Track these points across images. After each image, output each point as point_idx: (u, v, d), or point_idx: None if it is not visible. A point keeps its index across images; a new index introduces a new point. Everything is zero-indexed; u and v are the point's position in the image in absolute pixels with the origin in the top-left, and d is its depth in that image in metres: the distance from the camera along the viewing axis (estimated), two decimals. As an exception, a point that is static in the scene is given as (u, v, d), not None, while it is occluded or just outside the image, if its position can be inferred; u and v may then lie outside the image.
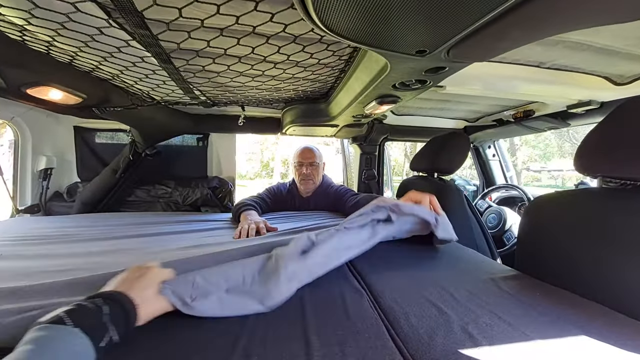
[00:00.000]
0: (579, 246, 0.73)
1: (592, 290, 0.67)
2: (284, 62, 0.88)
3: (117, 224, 1.37)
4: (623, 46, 0.92)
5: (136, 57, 0.81)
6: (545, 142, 11.15)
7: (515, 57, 1.01)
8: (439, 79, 0.82)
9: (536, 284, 0.75)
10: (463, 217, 1.36)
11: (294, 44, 0.77)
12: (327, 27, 0.47)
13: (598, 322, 0.55)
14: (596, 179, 0.78)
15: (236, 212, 1.40)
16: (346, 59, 0.95)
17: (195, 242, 1.05)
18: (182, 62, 0.82)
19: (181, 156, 2.00)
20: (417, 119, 1.96)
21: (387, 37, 0.50)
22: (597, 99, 1.31)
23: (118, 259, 0.88)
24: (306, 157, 1.63)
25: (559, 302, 0.64)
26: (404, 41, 0.52)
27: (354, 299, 0.59)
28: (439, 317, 0.52)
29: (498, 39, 0.51)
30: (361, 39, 0.52)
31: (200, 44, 0.73)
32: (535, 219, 0.85)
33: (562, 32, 0.47)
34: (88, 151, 1.90)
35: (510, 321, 0.53)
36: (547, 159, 11.04)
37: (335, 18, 0.44)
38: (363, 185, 2.09)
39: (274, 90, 1.23)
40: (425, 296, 0.61)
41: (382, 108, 1.12)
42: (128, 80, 1.00)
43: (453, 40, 0.52)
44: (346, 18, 0.43)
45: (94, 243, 1.08)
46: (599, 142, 0.76)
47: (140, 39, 0.71)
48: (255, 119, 1.86)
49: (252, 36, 0.71)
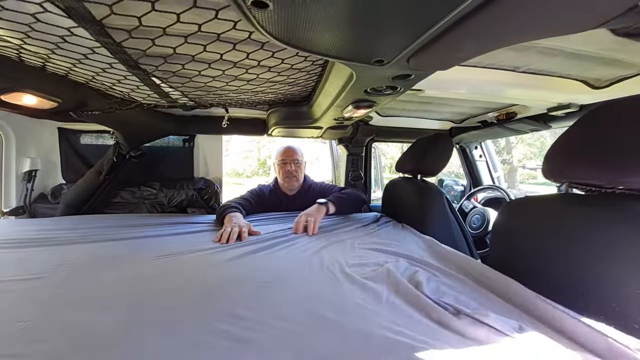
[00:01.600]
0: (542, 250, 0.74)
1: (551, 290, 0.69)
2: (255, 67, 0.87)
3: (99, 226, 1.37)
4: (595, 50, 0.93)
5: (104, 63, 0.80)
6: (541, 140, 11.21)
7: (489, 62, 1.02)
8: (408, 85, 0.82)
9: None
10: (443, 218, 1.37)
11: (262, 50, 0.77)
12: (277, 38, 0.47)
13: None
14: (563, 184, 0.78)
15: (220, 214, 1.41)
16: (321, 63, 0.95)
17: (176, 248, 1.05)
18: (151, 68, 0.82)
19: (167, 157, 1.99)
20: (403, 120, 1.96)
21: (339, 48, 0.50)
22: (576, 102, 1.32)
23: (89, 267, 0.88)
24: (289, 155, 1.71)
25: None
26: (357, 51, 0.52)
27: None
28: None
29: (454, 49, 0.51)
30: (314, 49, 0.52)
31: (167, 50, 0.73)
32: (506, 221, 0.87)
33: (516, 43, 0.47)
34: (73, 153, 1.89)
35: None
36: (543, 157, 11.08)
37: (282, 29, 0.44)
38: (349, 185, 2.10)
39: (254, 93, 1.23)
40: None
41: (359, 112, 1.12)
42: (103, 84, 0.99)
43: (408, 50, 0.52)
44: (292, 29, 0.43)
45: (72, 247, 1.08)
46: (565, 148, 0.77)
47: (105, 46, 0.71)
48: (240, 120, 1.86)
49: (218, 43, 0.71)
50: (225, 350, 0.52)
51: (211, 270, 0.87)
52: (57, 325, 0.58)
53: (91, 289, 0.74)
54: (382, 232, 1.37)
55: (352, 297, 0.73)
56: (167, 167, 1.98)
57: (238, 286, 0.77)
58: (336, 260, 0.95)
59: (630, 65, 1.01)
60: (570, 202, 0.74)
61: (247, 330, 0.57)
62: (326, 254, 1.03)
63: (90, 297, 0.70)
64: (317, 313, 0.65)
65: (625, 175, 0.62)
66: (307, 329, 0.59)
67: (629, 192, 0.65)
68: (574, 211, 0.71)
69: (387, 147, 10.93)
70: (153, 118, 1.61)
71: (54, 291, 0.72)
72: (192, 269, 0.89)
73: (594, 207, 0.68)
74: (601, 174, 0.67)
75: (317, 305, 0.68)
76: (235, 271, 0.88)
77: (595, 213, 0.67)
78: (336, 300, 0.71)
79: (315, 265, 0.93)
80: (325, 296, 0.73)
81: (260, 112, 1.79)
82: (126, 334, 0.56)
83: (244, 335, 0.55)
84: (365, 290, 0.76)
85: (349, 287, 0.78)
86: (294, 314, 0.63)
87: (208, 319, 0.60)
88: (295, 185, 1.73)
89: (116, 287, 0.76)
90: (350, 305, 0.69)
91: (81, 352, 0.51)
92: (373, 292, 0.75)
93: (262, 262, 0.96)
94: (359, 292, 0.75)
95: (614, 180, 0.65)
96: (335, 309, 0.66)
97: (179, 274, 0.85)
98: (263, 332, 0.57)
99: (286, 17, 0.38)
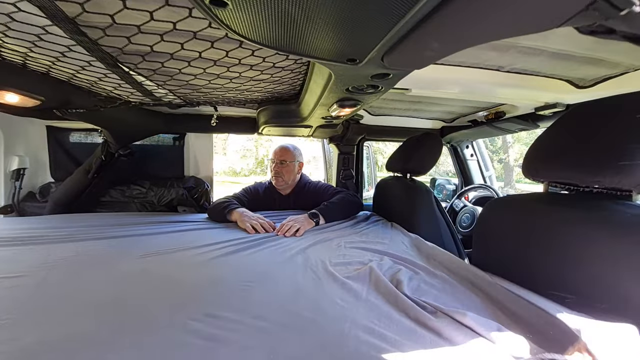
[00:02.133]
0: (518, 249, 0.75)
1: (530, 282, 0.70)
2: (237, 66, 0.87)
3: (86, 225, 1.36)
4: (578, 50, 0.93)
5: (83, 61, 0.80)
6: (537, 139, 11.25)
7: (474, 61, 1.02)
8: (390, 84, 0.82)
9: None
10: (431, 217, 1.38)
11: (242, 49, 0.76)
12: (245, 37, 0.47)
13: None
14: (542, 183, 0.79)
15: (222, 209, 1.42)
16: (305, 62, 0.94)
17: (162, 247, 1.05)
18: (131, 66, 0.81)
19: (157, 156, 1.98)
20: (394, 119, 1.96)
21: (308, 46, 0.50)
22: (562, 101, 1.32)
23: (72, 266, 0.88)
24: (277, 155, 1.71)
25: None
26: (327, 50, 0.52)
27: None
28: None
29: (422, 49, 0.51)
30: (286, 48, 0.51)
31: (144, 48, 0.72)
32: (487, 220, 0.88)
33: (478, 43, 0.47)
34: (61, 151, 1.88)
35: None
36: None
37: (247, 27, 0.43)
38: (341, 184, 2.10)
39: (240, 92, 1.22)
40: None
41: (345, 111, 1.12)
42: (85, 82, 0.99)
43: (377, 49, 0.52)
44: (257, 27, 0.43)
45: (57, 246, 1.07)
46: (543, 148, 0.77)
47: (81, 44, 0.70)
48: (230, 119, 1.85)
49: (196, 41, 0.70)
50: (197, 349, 0.52)
51: (194, 269, 0.87)
52: (33, 324, 0.58)
53: (71, 288, 0.74)
54: (370, 230, 1.37)
55: (332, 296, 0.73)
56: (157, 165, 1.97)
57: (219, 285, 0.77)
58: (320, 260, 0.95)
59: (614, 65, 1.01)
60: (548, 201, 0.75)
61: (222, 329, 0.57)
62: (311, 253, 1.03)
63: (69, 296, 0.70)
64: (296, 312, 0.65)
65: (600, 175, 0.62)
66: (283, 329, 0.59)
67: (605, 190, 0.66)
68: (551, 210, 0.71)
69: (385, 146, 10.95)
70: (141, 116, 1.60)
71: (34, 290, 0.72)
72: (176, 268, 0.89)
73: (571, 206, 0.68)
74: (576, 174, 0.67)
75: (296, 305, 0.68)
76: (218, 270, 0.87)
77: (571, 212, 0.67)
78: (316, 299, 0.71)
79: (299, 264, 0.93)
80: (306, 295, 0.73)
81: (250, 111, 1.79)
82: (100, 333, 0.56)
83: (218, 334, 0.56)
84: (346, 289, 0.76)
85: (330, 286, 0.78)
86: (271, 314, 0.63)
87: (184, 319, 0.60)
88: (282, 185, 1.71)
89: (96, 286, 0.76)
90: (328, 304, 0.69)
91: (55, 350, 0.51)
92: (354, 291, 0.75)
93: (246, 261, 0.96)
94: (339, 291, 0.75)
95: (589, 180, 0.65)
96: (313, 309, 0.67)
97: (162, 273, 0.85)
98: (238, 331, 0.57)
99: (247, 16, 0.38)
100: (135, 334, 0.56)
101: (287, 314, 0.64)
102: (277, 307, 0.67)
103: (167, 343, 0.53)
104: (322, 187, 1.75)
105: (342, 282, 0.80)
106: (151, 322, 0.60)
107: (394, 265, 0.92)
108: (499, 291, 0.71)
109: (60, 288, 0.75)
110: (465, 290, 0.76)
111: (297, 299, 0.71)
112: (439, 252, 1.01)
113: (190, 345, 0.53)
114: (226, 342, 0.54)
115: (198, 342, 0.53)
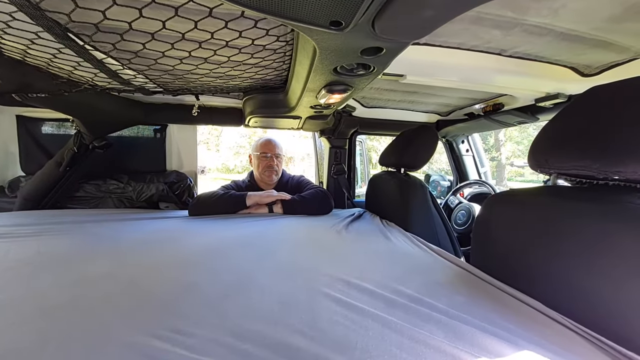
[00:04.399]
0: (526, 245, 0.67)
1: (537, 288, 0.63)
2: (209, 42, 0.77)
3: (56, 222, 1.25)
4: (588, 30, 0.85)
5: (30, 32, 0.69)
6: (529, 138, 11.35)
7: (474, 43, 0.93)
8: (382, 63, 0.73)
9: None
10: (426, 213, 1.30)
11: (211, 19, 0.66)
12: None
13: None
14: (550, 176, 0.71)
15: (237, 198, 1.41)
16: (288, 40, 0.85)
17: (135, 245, 0.95)
18: (85, 39, 0.71)
19: (136, 148, 1.86)
20: (388, 112, 1.87)
21: (287, 4, 0.40)
22: (564, 91, 1.25)
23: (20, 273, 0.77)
24: (271, 148, 1.65)
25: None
26: (308, 8, 0.43)
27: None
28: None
29: (418, 6, 0.42)
30: (261, 6, 0.42)
31: (96, 15, 0.62)
32: (489, 215, 0.80)
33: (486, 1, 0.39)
34: (32, 142, 1.75)
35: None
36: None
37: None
38: (332, 180, 2.01)
39: (220, 77, 1.12)
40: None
41: (334, 97, 1.02)
42: (40, 59, 0.87)
43: (366, 7, 0.43)
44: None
45: (18, 244, 0.96)
46: (553, 136, 0.69)
47: (22, 10, 0.59)
48: (214, 109, 1.74)
49: (155, 7, 0.60)
50: None
51: (167, 273, 0.76)
52: None
53: (20, 293, 0.64)
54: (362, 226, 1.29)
55: (331, 314, 0.61)
56: (136, 159, 1.85)
57: (193, 294, 0.66)
58: (313, 266, 0.85)
59: (624, 49, 0.94)
60: (556, 194, 0.67)
61: (193, 351, 0.46)
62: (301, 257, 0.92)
63: (14, 303, 0.60)
64: (287, 331, 0.52)
65: (621, 165, 0.54)
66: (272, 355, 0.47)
67: (625, 183, 0.58)
68: (560, 204, 0.63)
69: (378, 143, 10.89)
70: (116, 104, 1.48)
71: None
72: (147, 271, 0.78)
73: (582, 200, 0.61)
74: (593, 164, 0.59)
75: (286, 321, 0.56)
76: (194, 275, 0.76)
77: (583, 206, 0.59)
78: (311, 315, 0.60)
79: (286, 267, 0.83)
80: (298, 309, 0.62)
81: (235, 101, 1.68)
82: (36, 351, 0.46)
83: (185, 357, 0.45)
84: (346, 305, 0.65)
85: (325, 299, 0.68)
86: (254, 333, 0.51)
87: (146, 336, 0.49)
88: (274, 180, 1.67)
89: (50, 291, 0.66)
90: (327, 323, 0.58)
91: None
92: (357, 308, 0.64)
93: (226, 264, 0.85)
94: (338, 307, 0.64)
95: (609, 170, 0.57)
96: (309, 327, 0.55)
97: (129, 276, 0.74)
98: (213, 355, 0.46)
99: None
100: (80, 353, 0.46)
101: (275, 333, 0.51)
102: (263, 323, 0.55)
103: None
104: (303, 181, 1.71)
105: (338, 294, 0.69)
106: (104, 338, 0.50)
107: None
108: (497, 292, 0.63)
109: (7, 292, 0.64)
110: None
111: (288, 314, 0.58)
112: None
113: None
114: None
115: None
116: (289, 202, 1.44)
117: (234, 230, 1.17)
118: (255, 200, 1.42)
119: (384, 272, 0.79)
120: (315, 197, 1.47)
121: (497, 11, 0.71)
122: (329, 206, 1.50)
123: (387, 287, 0.69)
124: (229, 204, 1.41)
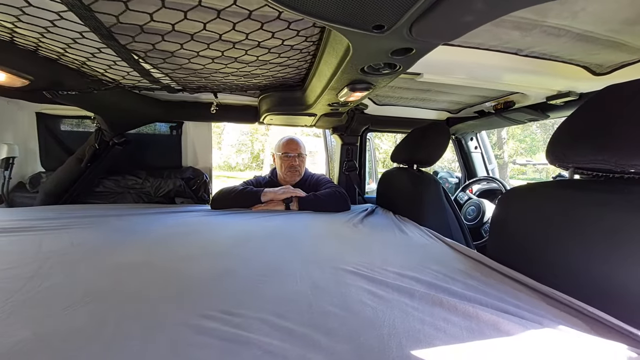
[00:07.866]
0: (546, 237, 0.71)
1: (559, 280, 0.66)
2: (242, 42, 0.81)
3: (81, 216, 1.29)
4: (603, 32, 0.88)
5: (74, 32, 0.73)
6: (531, 136, 11.36)
7: (492, 43, 0.97)
8: (408, 63, 0.77)
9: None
10: (440, 208, 1.34)
11: (249, 20, 0.70)
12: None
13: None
14: (568, 170, 0.74)
15: (253, 193, 1.47)
16: (315, 40, 0.88)
17: (162, 238, 0.99)
18: (128, 39, 0.74)
19: (153, 145, 1.90)
20: (400, 109, 1.91)
21: (335, 8, 0.44)
22: (576, 89, 1.28)
23: (65, 258, 0.81)
24: (294, 148, 1.69)
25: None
26: (355, 13, 0.46)
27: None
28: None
29: (461, 12, 0.46)
30: (307, 10, 0.46)
31: (143, 17, 0.65)
32: (507, 209, 0.84)
33: (529, 5, 0.42)
34: (52, 139, 1.79)
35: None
36: (533, 153, 11.27)
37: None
38: (343, 176, 2.05)
39: (245, 76, 1.16)
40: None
41: (355, 95, 1.06)
42: (75, 60, 0.91)
43: (411, 12, 0.47)
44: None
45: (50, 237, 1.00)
46: (571, 131, 0.73)
47: (72, 10, 0.63)
48: (231, 107, 1.78)
49: (200, 9, 0.64)
50: (215, 351, 0.46)
51: (201, 260, 0.81)
52: (27, 319, 0.53)
53: (67, 281, 0.68)
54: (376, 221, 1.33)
55: (359, 296, 0.66)
56: (153, 155, 1.89)
57: (231, 279, 0.70)
58: (335, 255, 0.89)
59: (635, 50, 0.97)
60: (575, 187, 0.70)
61: (239, 328, 0.51)
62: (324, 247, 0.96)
63: (65, 289, 0.64)
64: (321, 312, 0.57)
65: (638, 159, 0.58)
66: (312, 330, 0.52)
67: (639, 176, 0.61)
68: (580, 195, 0.67)
69: (380, 141, 10.90)
70: (137, 102, 1.52)
71: (26, 282, 0.66)
72: (180, 258, 0.82)
73: (600, 192, 0.64)
74: (610, 158, 0.63)
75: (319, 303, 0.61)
76: (228, 262, 0.81)
77: (602, 198, 0.63)
78: (341, 297, 0.64)
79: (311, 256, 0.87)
80: (328, 293, 0.65)
81: (251, 99, 1.72)
82: (100, 331, 0.50)
83: (236, 334, 0.49)
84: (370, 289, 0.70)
85: (353, 282, 0.72)
86: (293, 313, 0.56)
87: (195, 315, 0.54)
88: (297, 179, 1.71)
89: (94, 278, 0.70)
90: (356, 303, 0.62)
91: (51, 347, 0.46)
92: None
93: (257, 252, 0.90)
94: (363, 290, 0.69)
95: (624, 164, 0.61)
96: (341, 308, 0.59)
97: (165, 263, 0.78)
98: (258, 331, 0.50)
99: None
100: (140, 332, 0.50)
101: (311, 313, 0.56)
102: (299, 304, 0.59)
103: (178, 343, 0.47)
104: (321, 180, 1.73)
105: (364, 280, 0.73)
106: (158, 319, 0.54)
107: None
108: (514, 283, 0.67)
109: (52, 280, 0.68)
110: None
111: (320, 297, 0.63)
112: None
113: (206, 346, 0.47)
114: (248, 343, 0.47)
115: (216, 343, 0.47)
116: (304, 199, 1.48)
117: (255, 224, 1.21)
118: (270, 197, 1.46)
119: (402, 261, 0.83)
120: (331, 196, 1.50)
121: (520, 13, 0.74)
122: (346, 207, 1.52)
123: (406, 274, 0.73)
124: (246, 199, 1.45)
